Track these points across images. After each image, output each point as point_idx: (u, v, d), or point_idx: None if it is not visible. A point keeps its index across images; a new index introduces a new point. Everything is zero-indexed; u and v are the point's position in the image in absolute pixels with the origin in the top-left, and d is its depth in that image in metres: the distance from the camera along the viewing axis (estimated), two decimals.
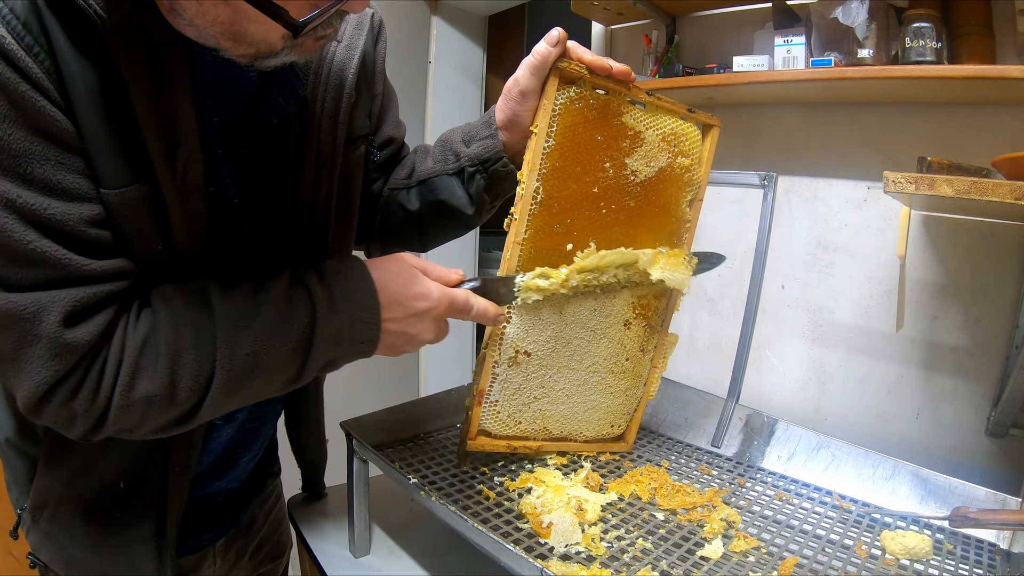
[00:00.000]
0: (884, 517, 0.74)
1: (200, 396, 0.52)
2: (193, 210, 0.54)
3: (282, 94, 0.60)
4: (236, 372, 0.52)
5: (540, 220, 0.69)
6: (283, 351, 0.54)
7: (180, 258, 0.55)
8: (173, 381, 0.50)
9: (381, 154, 0.76)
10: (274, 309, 0.54)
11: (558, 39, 0.62)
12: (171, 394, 0.50)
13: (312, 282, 0.56)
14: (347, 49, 0.64)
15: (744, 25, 1.33)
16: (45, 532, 0.66)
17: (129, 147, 0.49)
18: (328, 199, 0.66)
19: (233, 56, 0.49)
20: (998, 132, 1.06)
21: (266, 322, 0.53)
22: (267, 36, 0.47)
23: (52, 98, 0.45)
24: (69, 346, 0.47)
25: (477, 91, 2.30)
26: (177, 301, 0.52)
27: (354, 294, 0.57)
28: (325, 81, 0.62)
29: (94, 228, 0.49)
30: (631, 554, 0.64)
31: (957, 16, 1.02)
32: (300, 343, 0.54)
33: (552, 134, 0.67)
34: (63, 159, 0.46)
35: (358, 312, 0.57)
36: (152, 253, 0.53)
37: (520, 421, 0.77)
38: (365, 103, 0.71)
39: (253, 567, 0.85)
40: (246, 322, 0.52)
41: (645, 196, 0.75)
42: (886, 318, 1.19)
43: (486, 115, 0.71)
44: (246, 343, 0.52)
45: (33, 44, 0.44)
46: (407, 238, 0.81)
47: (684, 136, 0.76)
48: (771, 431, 0.89)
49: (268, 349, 0.53)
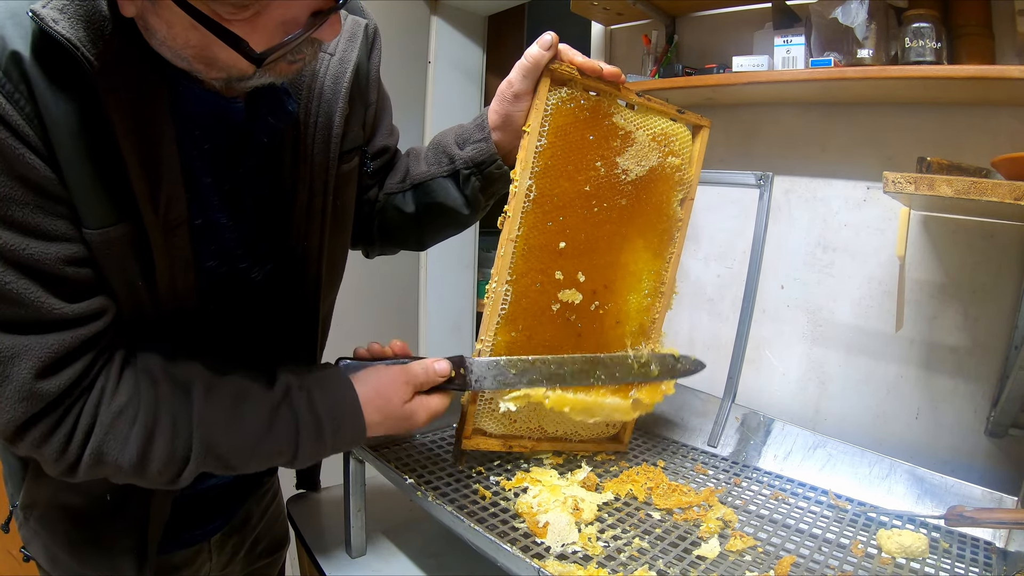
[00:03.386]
0: (880, 516, 0.74)
1: (169, 477, 0.54)
2: (177, 245, 0.55)
3: (272, 113, 0.60)
4: (209, 465, 0.55)
5: (533, 217, 0.70)
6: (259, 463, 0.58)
7: (163, 295, 0.55)
8: (143, 459, 0.52)
9: (374, 163, 0.77)
10: (256, 426, 0.57)
11: (550, 43, 0.64)
12: (140, 468, 0.53)
13: (301, 407, 0.59)
14: (340, 63, 0.64)
15: (744, 25, 1.33)
16: (34, 530, 0.67)
17: (112, 186, 0.49)
18: (323, 212, 0.66)
19: (208, 79, 0.50)
20: (998, 132, 1.05)
21: (245, 439, 0.56)
22: (236, 63, 0.47)
23: (32, 144, 0.45)
24: (38, 394, 0.48)
25: (477, 91, 2.30)
26: (163, 387, 0.54)
27: (342, 426, 0.61)
28: (318, 96, 0.63)
29: (72, 266, 0.49)
30: (628, 553, 0.64)
31: (957, 16, 1.02)
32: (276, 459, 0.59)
33: (544, 133, 0.68)
34: (41, 203, 0.47)
35: (343, 443, 0.62)
36: (134, 291, 0.54)
37: (515, 419, 0.77)
38: (359, 113, 0.71)
39: (249, 563, 0.85)
40: (224, 431, 0.55)
41: (637, 195, 0.76)
42: (885, 318, 1.19)
43: (478, 117, 0.73)
44: (221, 448, 0.55)
45: (13, 91, 0.44)
46: (404, 239, 0.82)
47: (674, 136, 0.78)
48: (767, 431, 0.89)
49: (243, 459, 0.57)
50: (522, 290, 0.72)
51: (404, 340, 0.71)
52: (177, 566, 0.74)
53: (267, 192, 0.63)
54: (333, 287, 0.76)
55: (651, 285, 0.83)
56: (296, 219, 0.65)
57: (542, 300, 0.73)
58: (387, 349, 0.70)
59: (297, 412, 0.58)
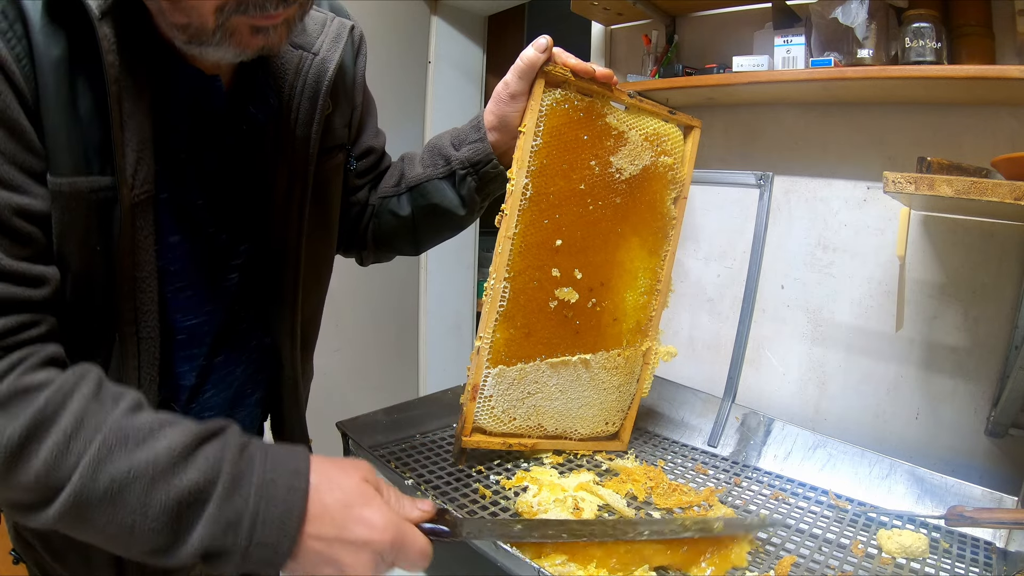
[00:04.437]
0: (880, 516, 0.74)
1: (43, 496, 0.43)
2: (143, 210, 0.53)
3: (253, 104, 0.62)
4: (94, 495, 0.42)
5: (530, 215, 0.72)
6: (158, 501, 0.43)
7: (123, 267, 0.53)
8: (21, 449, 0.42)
9: (360, 163, 0.78)
10: (169, 449, 0.44)
11: (545, 46, 0.67)
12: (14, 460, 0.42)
13: (231, 447, 0.47)
14: (322, 61, 0.66)
15: (744, 25, 1.33)
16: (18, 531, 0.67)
17: (89, 138, 0.50)
18: (302, 205, 0.67)
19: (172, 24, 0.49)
20: (998, 132, 1.05)
21: (153, 457, 0.44)
22: (199, 4, 0.47)
23: (17, 86, 0.46)
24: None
25: (477, 91, 2.30)
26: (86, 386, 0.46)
27: (276, 488, 0.46)
28: (300, 92, 0.64)
29: (20, 218, 0.46)
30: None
31: (957, 16, 1.02)
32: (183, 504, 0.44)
33: (540, 133, 0.70)
34: (5, 147, 0.46)
35: (273, 505, 0.45)
36: (91, 256, 0.52)
37: (515, 417, 0.77)
38: (344, 113, 0.73)
39: None
40: (132, 446, 0.44)
41: (631, 193, 0.78)
42: (885, 318, 1.19)
43: (474, 119, 0.74)
44: (118, 467, 0.43)
45: (7, 29, 0.45)
46: (400, 243, 0.83)
47: (666, 136, 0.80)
48: (767, 431, 0.89)
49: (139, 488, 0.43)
50: (520, 287, 0.73)
51: (404, 340, 0.70)
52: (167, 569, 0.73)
53: (245, 178, 0.64)
54: (316, 288, 0.75)
55: (647, 283, 0.83)
56: (274, 211, 0.66)
57: (540, 297, 0.74)
58: None
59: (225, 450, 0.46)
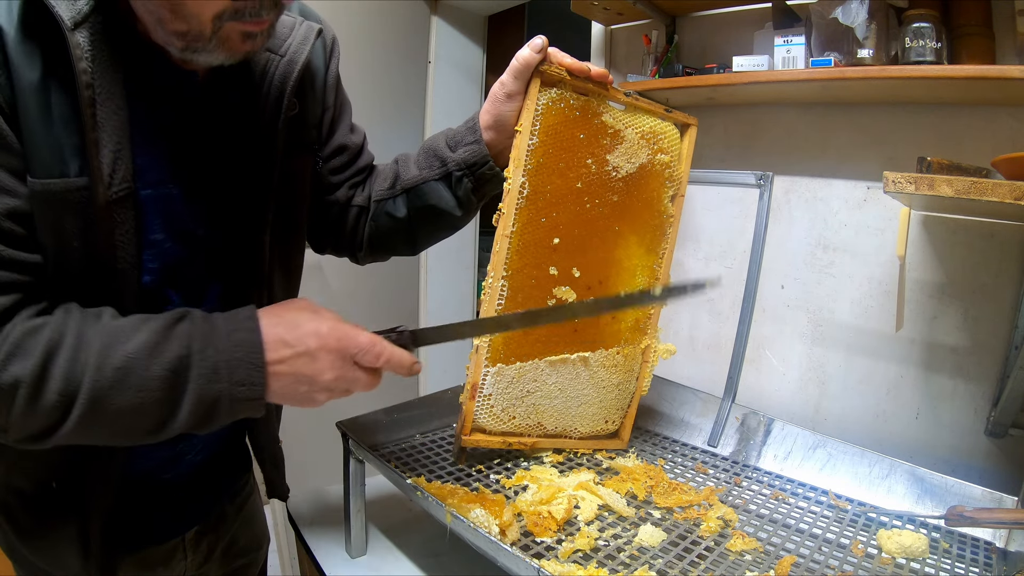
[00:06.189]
0: (880, 516, 0.74)
1: (63, 408, 0.51)
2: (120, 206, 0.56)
3: (224, 101, 0.63)
4: (105, 385, 0.51)
5: (527, 214, 0.72)
6: (155, 374, 0.53)
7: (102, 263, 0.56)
8: (43, 374, 0.50)
9: (332, 161, 0.79)
10: (152, 332, 0.54)
11: (541, 46, 0.68)
12: (37, 388, 0.50)
13: (195, 317, 0.57)
14: (288, 64, 0.66)
15: (744, 25, 1.32)
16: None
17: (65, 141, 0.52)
18: (266, 204, 0.68)
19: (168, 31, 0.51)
20: (998, 132, 1.05)
21: (142, 342, 0.53)
22: (200, 12, 0.50)
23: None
24: None
25: (477, 91, 2.30)
26: (75, 313, 0.54)
27: (236, 332, 0.56)
28: (266, 93, 0.66)
29: (8, 221, 0.51)
30: (628, 553, 0.64)
31: (957, 16, 1.02)
32: (174, 371, 0.53)
33: (536, 132, 0.70)
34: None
35: (238, 349, 0.55)
36: (67, 251, 0.55)
37: (514, 416, 0.77)
38: (313, 114, 0.74)
39: (227, 562, 0.84)
40: (124, 339, 0.53)
41: (628, 191, 0.78)
42: (886, 318, 1.18)
43: (469, 120, 0.74)
44: (118, 357, 0.52)
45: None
46: (396, 244, 0.83)
47: (662, 134, 0.80)
48: (767, 430, 0.89)
49: (139, 368, 0.52)
50: (518, 285, 0.73)
51: None
52: (152, 564, 0.73)
53: (216, 173, 0.65)
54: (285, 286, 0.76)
55: (645, 281, 0.83)
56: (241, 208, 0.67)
57: (537, 295, 0.75)
58: None
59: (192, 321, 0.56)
